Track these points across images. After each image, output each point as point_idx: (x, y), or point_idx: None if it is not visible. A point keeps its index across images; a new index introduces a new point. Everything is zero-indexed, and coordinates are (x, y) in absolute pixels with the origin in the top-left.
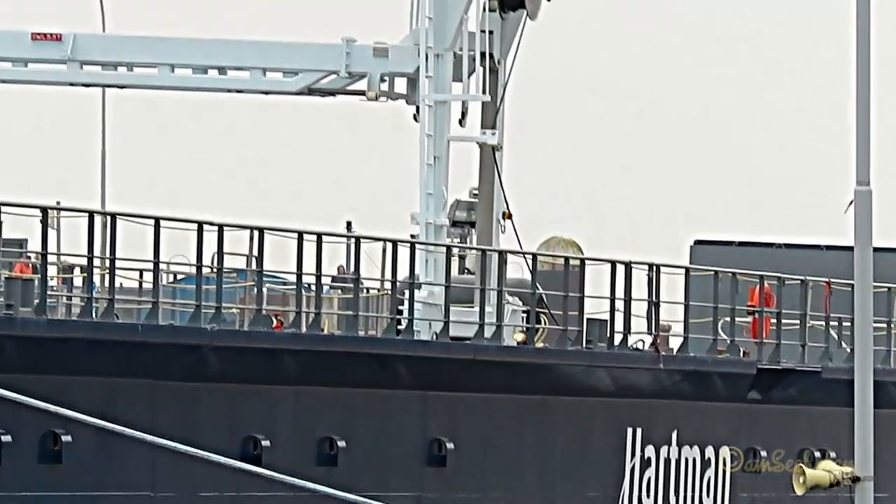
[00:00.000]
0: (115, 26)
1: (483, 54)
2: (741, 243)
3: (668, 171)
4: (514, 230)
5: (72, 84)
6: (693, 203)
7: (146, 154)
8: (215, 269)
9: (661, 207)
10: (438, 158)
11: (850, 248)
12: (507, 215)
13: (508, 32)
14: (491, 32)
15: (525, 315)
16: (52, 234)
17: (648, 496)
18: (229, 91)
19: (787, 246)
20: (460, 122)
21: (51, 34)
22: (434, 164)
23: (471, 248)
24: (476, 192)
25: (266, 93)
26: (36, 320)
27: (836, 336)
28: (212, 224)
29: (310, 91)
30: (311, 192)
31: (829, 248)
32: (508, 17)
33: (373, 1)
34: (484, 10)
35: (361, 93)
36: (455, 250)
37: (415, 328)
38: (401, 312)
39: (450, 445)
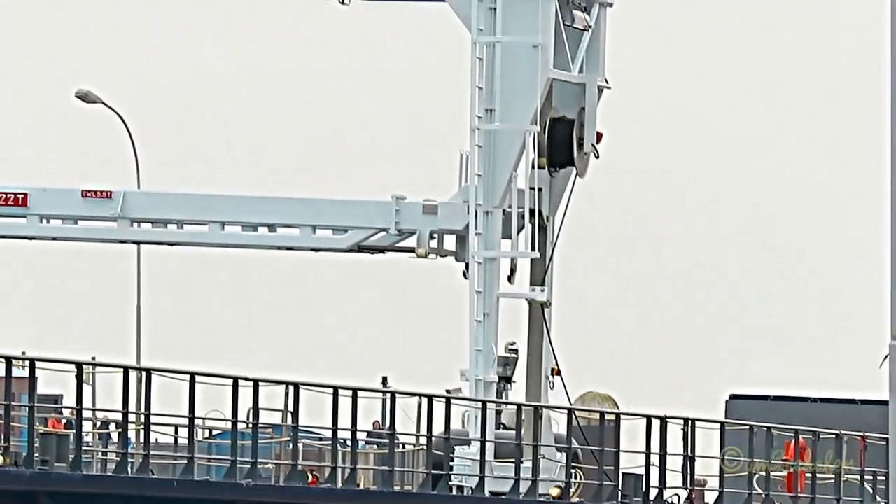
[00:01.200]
0: (152, 183)
1: (532, 211)
2: (776, 398)
3: (705, 326)
4: (564, 386)
5: (121, 241)
6: (729, 357)
7: (181, 308)
8: (251, 425)
9: (697, 361)
10: (488, 315)
11: (885, 403)
12: (556, 371)
13: (557, 189)
14: (540, 189)
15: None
16: (87, 389)
17: None
18: (279, 248)
19: (822, 400)
20: (509, 279)
21: (101, 191)
22: (483, 320)
23: (507, 404)
24: (511, 346)
25: (316, 250)
26: (71, 475)
27: (871, 490)
28: (247, 379)
29: (359, 248)
30: (357, 348)
31: (863, 402)
32: (557, 174)
33: (422, 159)
34: (533, 167)
35: (411, 250)
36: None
37: (463, 483)
38: (446, 468)
39: None
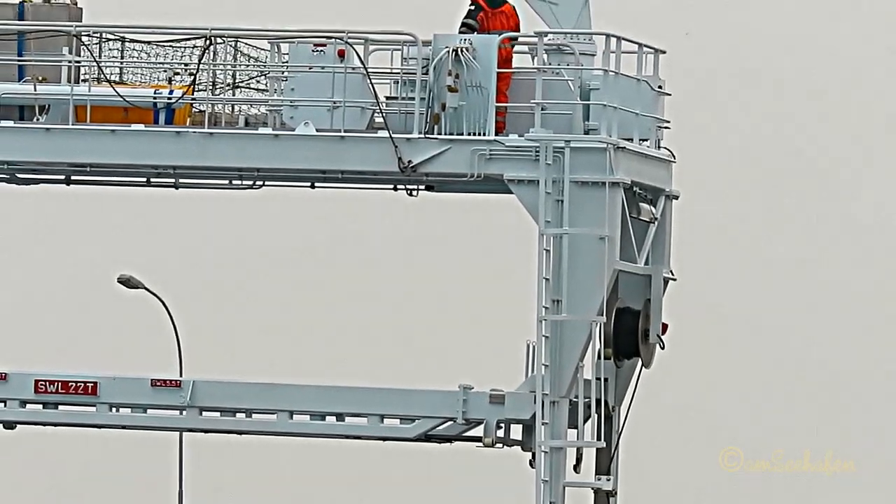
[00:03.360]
0: (195, 370)
1: (598, 401)
2: None
3: None
4: None
5: (190, 430)
6: None
7: (225, 495)
8: None
9: None
10: None
11: None
12: None
13: (623, 380)
14: (606, 380)
15: None
16: None
17: None
18: (347, 437)
19: None
20: (575, 468)
21: (170, 380)
22: None
23: None
24: None
25: (383, 439)
26: None
27: None
28: None
29: (427, 437)
30: None
31: None
32: (623, 364)
33: (489, 349)
34: (599, 357)
35: (478, 439)
36: None
37: None
38: None
39: None
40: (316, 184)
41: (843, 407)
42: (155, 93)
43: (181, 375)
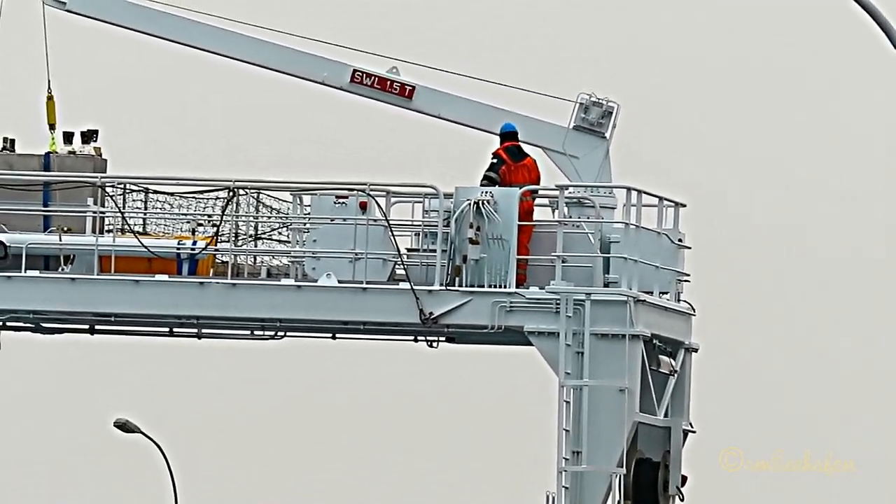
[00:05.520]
0: None
1: None
2: None
3: None
4: None
5: None
6: None
7: None
8: None
9: None
10: None
11: None
12: None
13: None
14: None
15: None
16: None
17: None
18: None
19: None
20: None
21: None
22: None
23: None
24: None
25: None
26: None
27: None
28: None
29: None
30: None
31: None
32: None
33: (509, 500)
34: None
35: None
36: None
37: None
38: None
39: None
40: (337, 335)
41: (843, 407)
42: (178, 243)
43: None
